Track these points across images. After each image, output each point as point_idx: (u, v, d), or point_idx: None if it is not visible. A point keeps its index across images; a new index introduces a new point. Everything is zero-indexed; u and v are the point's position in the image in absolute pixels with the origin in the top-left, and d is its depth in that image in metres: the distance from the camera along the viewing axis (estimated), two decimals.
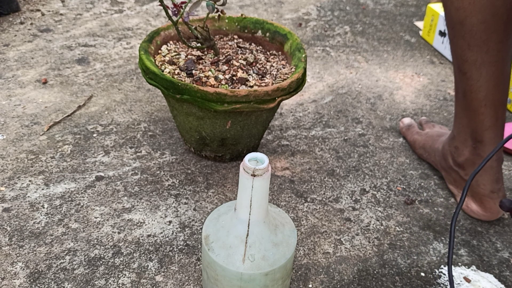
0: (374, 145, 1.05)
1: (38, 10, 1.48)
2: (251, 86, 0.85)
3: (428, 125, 1.06)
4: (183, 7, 0.83)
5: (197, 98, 0.80)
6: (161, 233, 0.82)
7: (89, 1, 1.56)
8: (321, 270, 0.77)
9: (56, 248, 0.77)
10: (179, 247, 0.79)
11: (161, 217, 0.84)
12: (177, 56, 0.91)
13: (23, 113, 1.06)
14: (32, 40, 1.32)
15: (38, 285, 0.72)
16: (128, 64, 1.26)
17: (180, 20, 0.92)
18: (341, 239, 0.83)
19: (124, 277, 0.74)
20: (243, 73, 0.88)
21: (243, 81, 0.85)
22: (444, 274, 0.78)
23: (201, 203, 0.88)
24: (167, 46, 0.95)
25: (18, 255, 0.76)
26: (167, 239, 0.81)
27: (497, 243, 0.85)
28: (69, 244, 0.78)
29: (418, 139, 1.01)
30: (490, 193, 0.85)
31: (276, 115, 1.12)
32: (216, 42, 0.93)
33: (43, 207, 0.84)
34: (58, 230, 0.81)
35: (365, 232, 0.85)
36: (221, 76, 0.86)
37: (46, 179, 0.90)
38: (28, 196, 0.86)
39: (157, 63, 0.89)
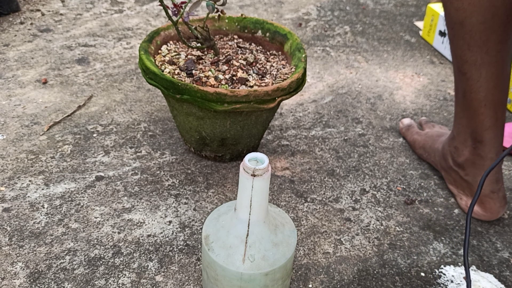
0: (374, 145, 1.05)
1: (38, 10, 1.48)
2: (251, 86, 0.85)
3: (428, 125, 1.06)
4: (183, 7, 0.83)
5: (197, 98, 0.80)
6: (161, 233, 0.82)
7: (89, 1, 1.56)
8: (321, 270, 0.77)
9: (56, 248, 0.77)
10: (179, 247, 0.79)
11: (161, 217, 0.84)
12: (177, 56, 0.91)
13: (23, 113, 1.06)
14: (32, 40, 1.32)
15: (38, 285, 0.72)
16: (128, 64, 1.26)
17: (180, 20, 0.92)
18: (341, 239, 0.83)
19: (124, 277, 0.74)
20: (243, 73, 0.88)
21: (243, 81, 0.85)
22: (444, 274, 0.78)
23: (201, 203, 0.88)
24: (167, 46, 0.95)
25: (18, 255, 0.76)
26: (167, 239, 0.81)
27: (497, 243, 0.85)
28: (69, 244, 0.78)
29: (418, 139, 1.01)
30: (490, 193, 0.85)
31: (276, 115, 1.12)
32: (216, 42, 0.93)
33: (43, 207, 0.84)
34: (58, 230, 0.81)
35: (365, 232, 0.85)
36: (221, 76, 0.86)
37: (46, 179, 0.90)
38: (28, 196, 0.86)
39: (157, 63, 0.89)
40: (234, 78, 0.86)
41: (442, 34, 1.40)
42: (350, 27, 1.53)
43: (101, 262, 0.76)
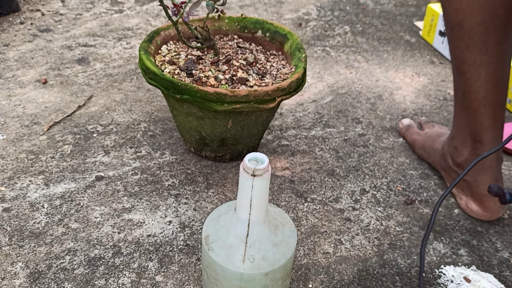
0: (374, 145, 1.05)
1: (38, 10, 1.48)
2: (251, 86, 0.85)
3: (427, 125, 1.06)
4: (183, 7, 0.83)
5: (197, 98, 0.80)
6: (161, 233, 0.82)
7: (89, 1, 1.56)
8: (321, 270, 0.77)
9: (56, 248, 0.77)
10: (179, 247, 0.79)
11: (161, 217, 0.84)
12: (177, 56, 0.92)
13: (23, 113, 1.06)
14: (32, 40, 1.32)
15: (38, 285, 0.72)
16: (128, 64, 1.26)
17: (180, 20, 0.92)
18: (341, 239, 0.83)
19: (124, 277, 0.74)
20: (243, 73, 0.88)
21: (243, 81, 0.85)
22: (444, 274, 0.78)
23: (201, 203, 0.88)
24: (167, 46, 0.95)
25: (18, 255, 0.76)
26: (167, 239, 0.81)
27: (497, 243, 0.85)
28: (69, 244, 0.78)
29: (418, 139, 1.01)
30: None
31: (276, 115, 1.12)
32: (216, 42, 0.93)
33: (43, 207, 0.84)
34: (58, 230, 0.81)
35: (365, 232, 0.85)
36: (221, 76, 0.86)
37: (46, 179, 0.90)
38: (28, 196, 0.86)
39: (157, 63, 0.89)
40: (234, 78, 0.86)
41: (442, 34, 1.40)
42: (350, 27, 1.53)
43: (101, 262, 0.76)
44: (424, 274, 0.78)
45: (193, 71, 0.87)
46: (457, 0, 0.72)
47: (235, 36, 1.01)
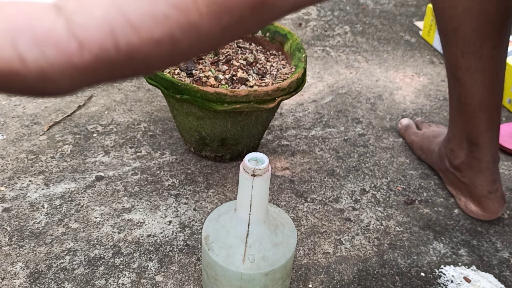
0: (374, 145, 1.05)
1: None
2: (251, 86, 0.85)
3: (424, 125, 1.06)
4: None
5: (197, 98, 0.80)
6: (161, 233, 0.82)
7: None
8: (321, 270, 0.77)
9: (56, 248, 0.77)
10: (179, 247, 0.79)
11: (161, 217, 0.84)
12: None
13: (23, 113, 1.06)
14: None
15: (38, 285, 0.72)
16: None
17: None
18: (341, 239, 0.83)
19: (124, 277, 0.74)
20: (243, 73, 0.88)
21: (243, 81, 0.85)
22: (444, 274, 0.79)
23: (201, 203, 0.88)
24: None
25: (18, 255, 0.76)
26: (167, 239, 0.81)
27: (497, 243, 0.85)
28: (69, 244, 0.78)
29: (415, 140, 1.01)
30: (488, 194, 0.84)
31: (276, 115, 1.12)
32: None
33: (43, 207, 0.84)
34: (58, 230, 0.81)
35: (365, 232, 0.85)
36: (221, 76, 0.86)
37: (46, 179, 0.90)
38: (28, 196, 0.86)
39: None
40: (234, 78, 0.86)
41: None
42: (350, 27, 1.53)
43: (101, 262, 0.76)
44: (423, 274, 0.78)
45: (193, 71, 0.87)
46: (451, 7, 0.72)
47: None
